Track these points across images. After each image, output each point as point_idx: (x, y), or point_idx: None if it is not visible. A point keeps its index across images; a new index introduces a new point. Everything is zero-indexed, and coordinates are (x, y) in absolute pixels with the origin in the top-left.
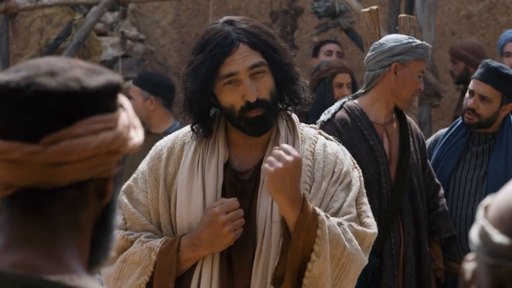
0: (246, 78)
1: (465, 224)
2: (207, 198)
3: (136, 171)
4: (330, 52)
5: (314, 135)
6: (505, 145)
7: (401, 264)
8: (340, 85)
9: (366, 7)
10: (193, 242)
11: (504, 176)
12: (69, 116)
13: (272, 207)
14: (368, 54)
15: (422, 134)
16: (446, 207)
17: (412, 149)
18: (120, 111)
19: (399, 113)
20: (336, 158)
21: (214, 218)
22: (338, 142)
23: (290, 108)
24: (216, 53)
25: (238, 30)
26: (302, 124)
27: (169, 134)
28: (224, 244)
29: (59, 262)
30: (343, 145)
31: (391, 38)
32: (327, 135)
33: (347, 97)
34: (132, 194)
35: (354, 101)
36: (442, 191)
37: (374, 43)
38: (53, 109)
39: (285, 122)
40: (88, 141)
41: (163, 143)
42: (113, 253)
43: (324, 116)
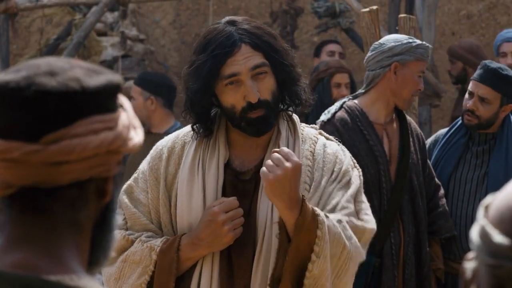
0: (247, 78)
1: (465, 224)
2: (208, 198)
3: (136, 171)
4: (332, 52)
5: (314, 136)
6: (505, 145)
7: (401, 264)
8: (338, 85)
9: (366, 7)
10: (193, 241)
11: (504, 176)
12: (69, 115)
13: (272, 208)
14: (368, 54)
15: (422, 134)
16: (446, 207)
17: (412, 149)
18: (120, 111)
19: (399, 113)
20: (335, 158)
21: (214, 218)
22: (338, 142)
23: (291, 108)
24: (218, 53)
25: (240, 30)
26: (303, 124)
27: (169, 134)
28: (223, 243)
29: (59, 262)
30: (343, 145)
31: (391, 38)
32: (328, 135)
33: (347, 97)
34: (132, 193)
35: (354, 101)
36: (442, 191)
37: (374, 43)
38: (53, 109)
39: (286, 123)
40: (88, 140)
41: (164, 143)
42: (113, 253)
43: (324, 116)
